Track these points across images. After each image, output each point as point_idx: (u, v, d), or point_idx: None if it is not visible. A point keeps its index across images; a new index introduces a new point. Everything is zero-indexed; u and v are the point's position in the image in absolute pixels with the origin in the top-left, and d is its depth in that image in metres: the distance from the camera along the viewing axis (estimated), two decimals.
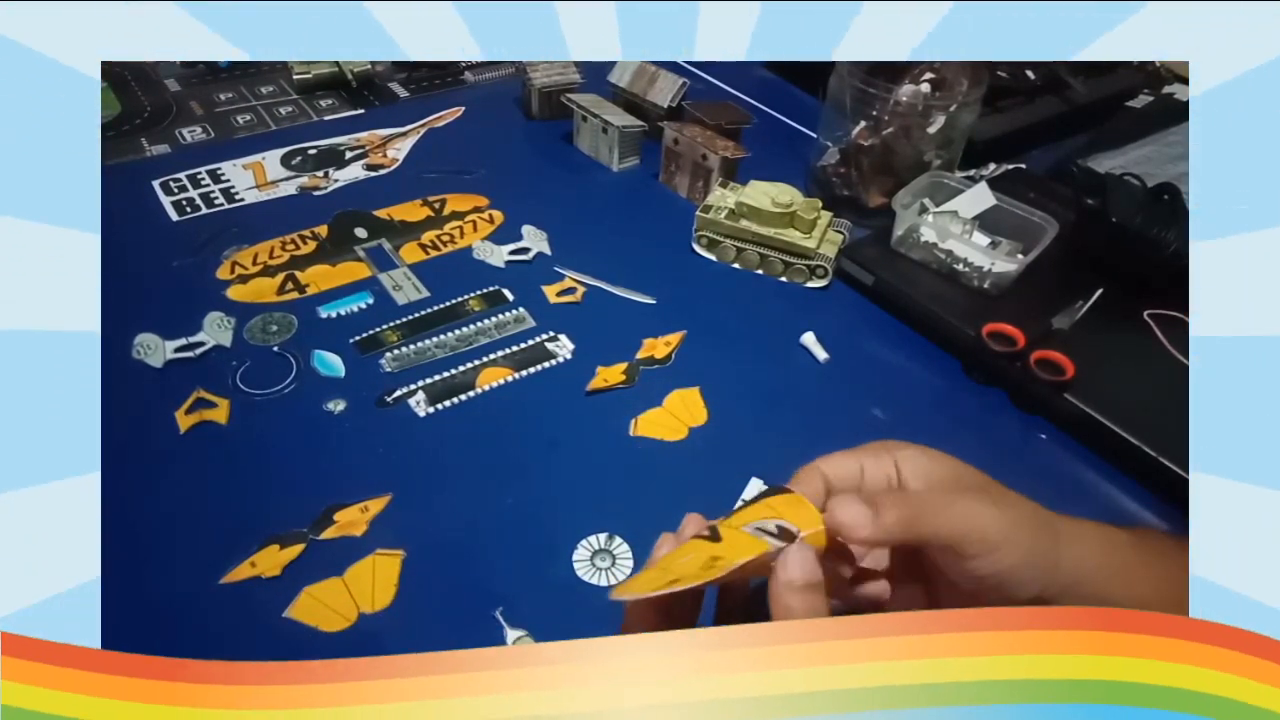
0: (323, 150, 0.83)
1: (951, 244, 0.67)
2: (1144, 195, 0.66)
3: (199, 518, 0.48)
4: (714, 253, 0.72)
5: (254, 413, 0.55)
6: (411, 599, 0.45)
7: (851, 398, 0.60)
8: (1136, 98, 1.00)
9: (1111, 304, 0.64)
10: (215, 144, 0.84)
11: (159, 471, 0.51)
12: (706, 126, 0.78)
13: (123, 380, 0.56)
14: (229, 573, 0.45)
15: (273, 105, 0.91)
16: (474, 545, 0.48)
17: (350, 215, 0.74)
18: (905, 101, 0.71)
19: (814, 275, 0.69)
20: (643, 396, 0.58)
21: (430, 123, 0.89)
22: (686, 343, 0.63)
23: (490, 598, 0.45)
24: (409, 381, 0.58)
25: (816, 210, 0.68)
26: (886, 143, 0.73)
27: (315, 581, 0.45)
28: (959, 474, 0.35)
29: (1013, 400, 0.60)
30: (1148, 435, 0.53)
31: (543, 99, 0.88)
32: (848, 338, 0.64)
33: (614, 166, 0.82)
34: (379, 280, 0.67)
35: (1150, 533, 0.38)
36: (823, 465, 0.36)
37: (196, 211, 0.73)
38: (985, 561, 0.31)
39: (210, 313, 0.61)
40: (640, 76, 0.84)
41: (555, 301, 0.66)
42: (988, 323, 0.60)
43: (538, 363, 0.60)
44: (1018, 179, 0.79)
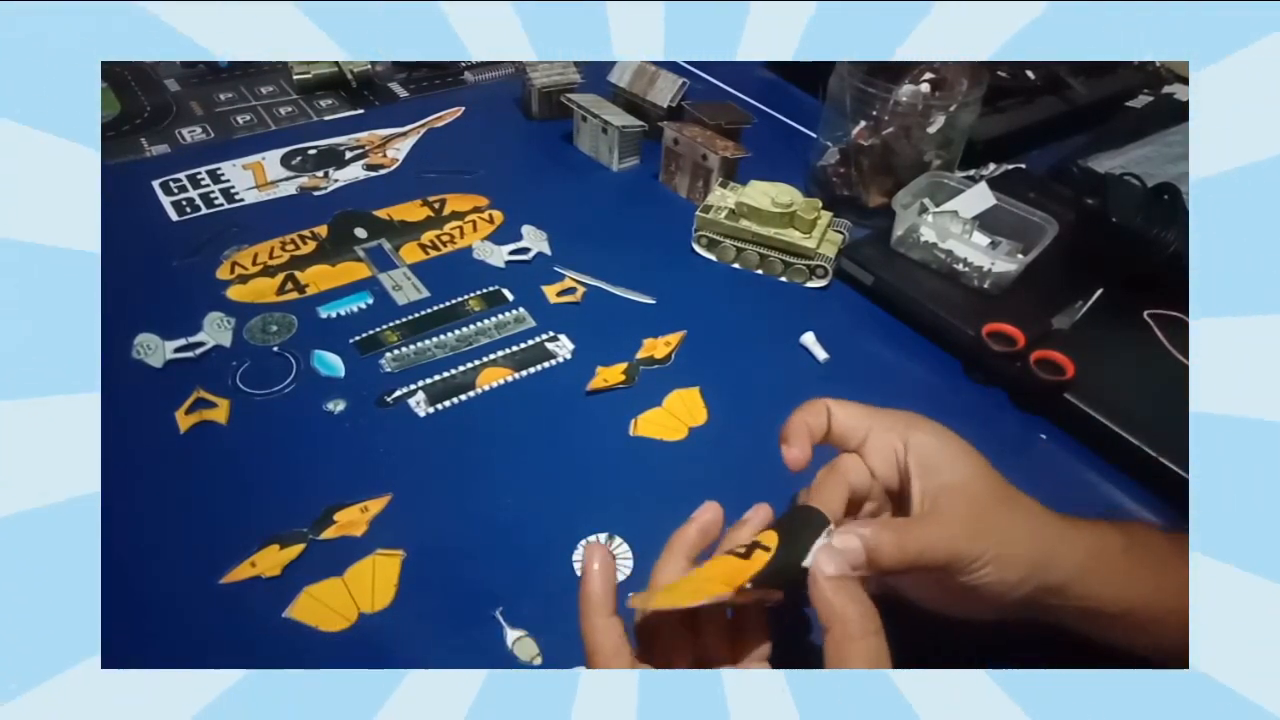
0: (323, 150, 0.83)
1: (951, 244, 0.67)
2: (1144, 195, 0.66)
3: (199, 518, 0.48)
4: (714, 253, 0.72)
5: (254, 413, 0.55)
6: (411, 599, 0.45)
7: (851, 398, 0.59)
8: (1136, 98, 1.00)
9: (1111, 304, 0.64)
10: (215, 144, 0.84)
11: (159, 471, 0.51)
12: (706, 126, 0.78)
13: (123, 380, 0.56)
14: (229, 573, 0.45)
15: (273, 105, 0.91)
16: (474, 545, 0.48)
17: (350, 215, 0.74)
18: (905, 101, 0.71)
19: (814, 275, 0.69)
20: (643, 396, 0.58)
21: (430, 123, 0.89)
22: (686, 343, 0.63)
23: (490, 598, 0.45)
24: (409, 381, 0.58)
25: (816, 210, 0.68)
26: (886, 143, 0.73)
27: (315, 581, 0.45)
28: (966, 478, 0.35)
29: (1013, 400, 0.60)
30: (1148, 435, 0.53)
31: (543, 99, 0.88)
32: (848, 338, 0.64)
33: (614, 166, 0.82)
34: (379, 280, 0.67)
35: (1141, 529, 0.38)
36: (833, 407, 0.37)
37: (196, 211, 0.73)
38: (974, 577, 0.33)
39: (210, 313, 0.61)
40: (640, 76, 0.84)
41: (555, 301, 0.66)
42: (988, 323, 0.60)
43: (538, 363, 0.60)
44: (1018, 179, 0.79)
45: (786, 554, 0.31)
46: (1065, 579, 0.34)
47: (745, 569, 0.31)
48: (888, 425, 0.37)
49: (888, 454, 0.36)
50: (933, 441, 0.36)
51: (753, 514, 0.36)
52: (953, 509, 0.34)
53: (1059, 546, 0.35)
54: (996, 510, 0.34)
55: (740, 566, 0.31)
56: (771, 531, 0.33)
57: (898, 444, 0.36)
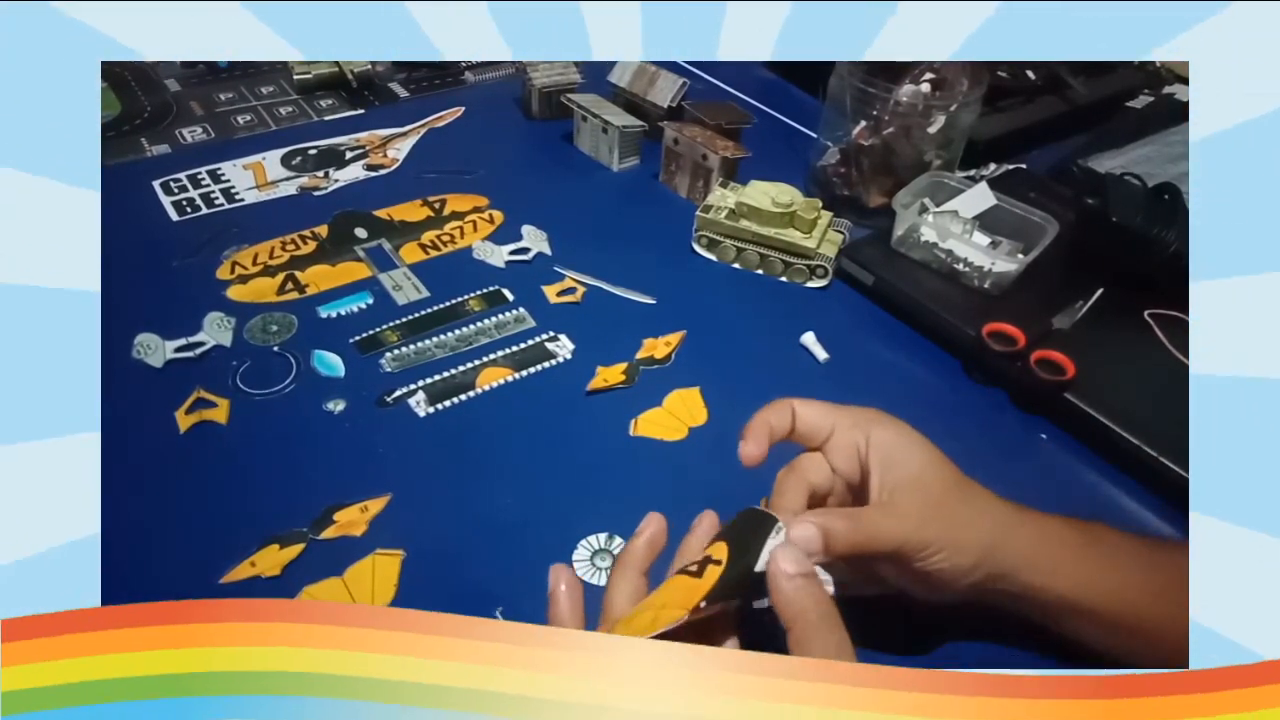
0: (323, 150, 0.83)
1: (952, 244, 0.67)
2: (1144, 195, 0.66)
3: (199, 518, 0.48)
4: (714, 253, 0.71)
5: (254, 413, 0.55)
6: (411, 599, 0.45)
7: (851, 398, 0.59)
8: (1136, 98, 1.00)
9: (1111, 304, 0.64)
10: (215, 144, 0.84)
11: (159, 471, 0.51)
12: (706, 126, 0.78)
13: (123, 380, 0.56)
14: (229, 572, 0.45)
15: (273, 105, 0.91)
16: (474, 545, 0.48)
17: (350, 215, 0.74)
18: (905, 101, 0.71)
19: (814, 275, 0.69)
20: (643, 396, 0.58)
21: (430, 123, 0.89)
22: (686, 343, 0.63)
23: (490, 598, 0.45)
24: (409, 381, 0.58)
25: (816, 210, 0.68)
26: (886, 143, 0.73)
27: (315, 581, 0.45)
28: (919, 470, 0.37)
29: (1013, 400, 0.60)
30: (1148, 435, 0.53)
31: (543, 99, 0.88)
32: (848, 338, 0.64)
33: (614, 166, 0.82)
34: (379, 280, 0.67)
35: (1103, 530, 0.40)
36: (798, 406, 0.39)
37: (196, 211, 0.73)
38: (928, 563, 0.35)
39: (210, 313, 0.61)
40: (640, 76, 0.84)
41: (555, 301, 0.66)
42: (988, 323, 0.60)
43: (538, 363, 0.60)
44: (1018, 179, 0.79)
45: (737, 563, 0.32)
46: (1012, 565, 0.37)
47: (698, 588, 0.31)
48: (850, 423, 0.39)
49: (850, 451, 0.38)
50: (891, 437, 0.38)
51: (699, 522, 0.37)
52: (907, 499, 0.36)
53: (1008, 534, 0.37)
54: (948, 499, 0.36)
55: (693, 586, 0.31)
56: (721, 543, 0.33)
57: (860, 440, 0.38)
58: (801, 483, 0.38)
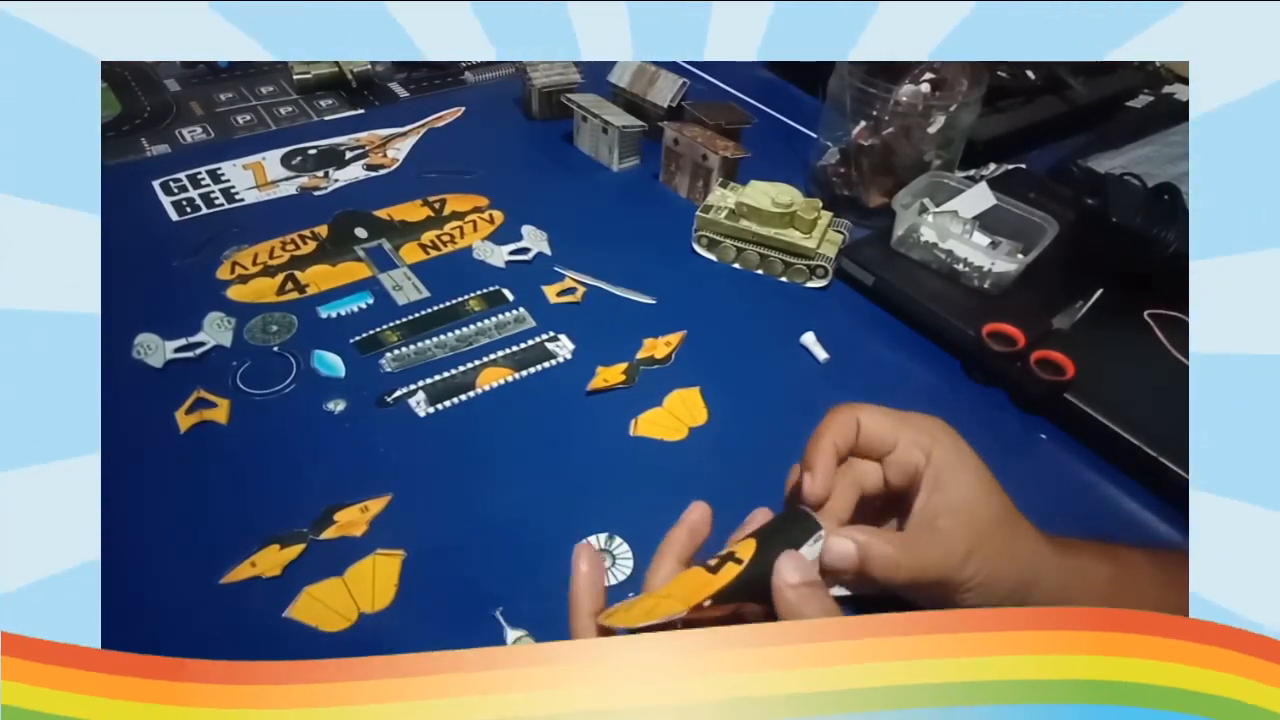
0: (323, 150, 0.83)
1: (951, 244, 0.67)
2: (1144, 195, 0.66)
3: (199, 518, 0.48)
4: (714, 253, 0.72)
5: (254, 413, 0.55)
6: (411, 599, 0.45)
7: (851, 398, 0.59)
8: (1136, 98, 1.00)
9: (1111, 304, 0.64)
10: (215, 144, 0.84)
11: (159, 471, 0.51)
12: (706, 126, 0.78)
13: (123, 380, 0.56)
14: (229, 573, 0.45)
15: (273, 105, 0.91)
16: (474, 545, 0.48)
17: (350, 215, 0.74)
18: (905, 101, 0.71)
19: (814, 275, 0.69)
20: (643, 396, 0.58)
21: (430, 123, 0.89)
22: (686, 343, 0.63)
23: (490, 598, 0.45)
24: (409, 381, 0.58)
25: (816, 210, 0.68)
26: (886, 143, 0.73)
27: (315, 581, 0.45)
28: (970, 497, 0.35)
29: (1013, 400, 0.60)
30: (1148, 435, 0.53)
31: (543, 99, 0.88)
32: (848, 338, 0.64)
33: (614, 166, 0.82)
34: (379, 280, 0.67)
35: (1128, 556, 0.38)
36: (863, 416, 0.37)
37: (196, 211, 0.73)
38: (959, 597, 0.34)
39: (210, 313, 0.61)
40: (640, 76, 0.84)
41: (555, 301, 0.66)
42: (988, 323, 0.60)
43: (538, 363, 0.60)
44: (1018, 179, 0.79)
45: (759, 565, 0.30)
46: (1036, 601, 0.35)
47: (708, 584, 0.30)
48: (912, 439, 0.36)
49: (910, 469, 0.36)
50: (950, 458, 0.35)
51: (751, 519, 0.36)
52: (951, 529, 0.34)
53: (1040, 572, 0.35)
54: (993, 534, 0.34)
55: (704, 581, 0.30)
56: (750, 541, 0.31)
57: (920, 460, 0.36)
58: (855, 488, 0.36)
